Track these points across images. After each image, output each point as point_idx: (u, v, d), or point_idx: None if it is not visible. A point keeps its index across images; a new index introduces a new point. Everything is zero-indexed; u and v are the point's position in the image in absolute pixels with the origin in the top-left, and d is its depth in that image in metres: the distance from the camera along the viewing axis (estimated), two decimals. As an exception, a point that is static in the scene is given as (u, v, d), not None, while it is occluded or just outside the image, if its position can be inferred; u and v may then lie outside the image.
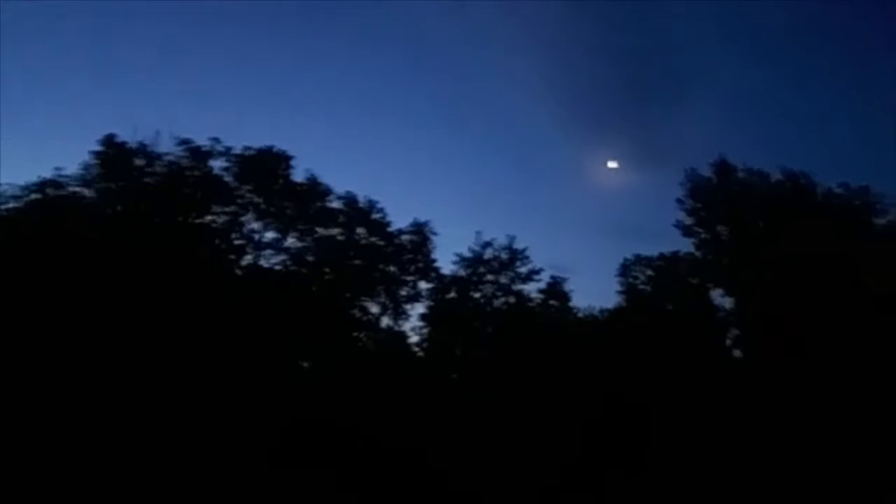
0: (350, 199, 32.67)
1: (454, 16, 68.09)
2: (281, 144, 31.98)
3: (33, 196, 27.88)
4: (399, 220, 33.43)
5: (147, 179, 29.72)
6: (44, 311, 24.57)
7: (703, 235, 34.52)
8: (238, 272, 30.38)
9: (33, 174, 28.24)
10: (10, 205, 27.57)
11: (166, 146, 29.92)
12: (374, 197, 33.07)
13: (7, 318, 25.66)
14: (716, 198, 34.68)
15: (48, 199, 27.94)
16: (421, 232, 33.40)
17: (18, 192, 27.68)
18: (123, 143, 29.48)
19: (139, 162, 29.67)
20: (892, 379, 25.23)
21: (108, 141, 29.31)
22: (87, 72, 60.08)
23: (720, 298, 33.97)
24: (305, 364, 31.06)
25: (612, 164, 47.60)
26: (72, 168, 28.67)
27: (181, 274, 26.41)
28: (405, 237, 33.23)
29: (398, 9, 63.04)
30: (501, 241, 33.88)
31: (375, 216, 32.90)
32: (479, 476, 24.89)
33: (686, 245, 34.65)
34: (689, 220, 34.56)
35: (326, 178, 32.38)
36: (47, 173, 28.26)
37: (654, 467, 25.39)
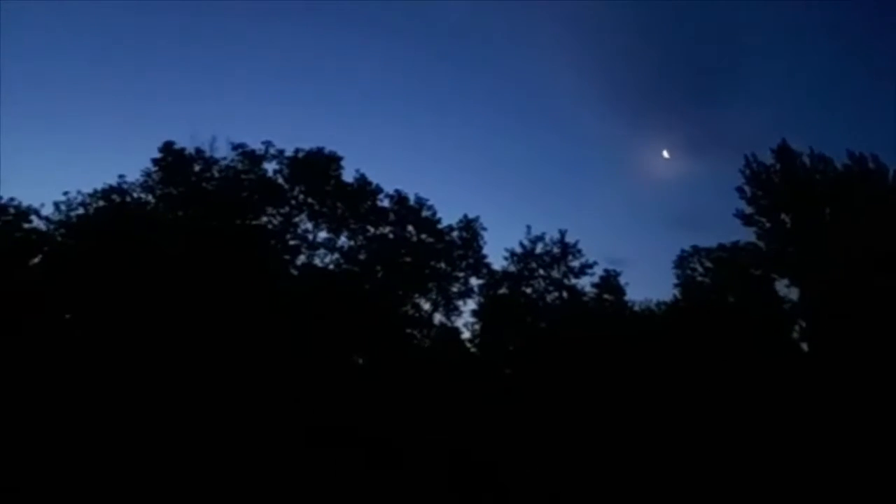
0: (400, 198, 32.92)
1: (500, 14, 67.61)
2: (329, 145, 32.51)
3: (100, 203, 29.23)
4: (449, 216, 33.51)
5: (205, 184, 30.75)
6: (120, 312, 25.81)
7: (765, 224, 33.31)
8: (293, 272, 31.08)
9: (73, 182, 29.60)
10: (79, 212, 28.95)
11: (222, 151, 30.96)
12: (424, 195, 33.27)
13: (83, 320, 27.16)
14: (778, 185, 33.36)
15: (114, 206, 29.24)
16: (471, 228, 33.35)
17: (86, 200, 29.06)
18: (182, 150, 30.52)
19: (197, 167, 30.71)
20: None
21: (167, 148, 30.41)
22: (134, 76, 62.25)
23: (785, 289, 32.82)
24: (360, 361, 31.54)
25: (665, 154, 46.49)
26: (133, 174, 29.99)
27: (240, 275, 27.20)
28: (455, 233, 33.23)
29: (444, 8, 63.15)
30: (552, 235, 33.60)
31: (425, 214, 33.03)
32: (532, 472, 24.72)
33: (746, 235, 33.59)
34: (749, 209, 33.51)
35: (375, 178, 32.79)
36: (91, 178, 29.54)
37: (718, 466, 24.64)
